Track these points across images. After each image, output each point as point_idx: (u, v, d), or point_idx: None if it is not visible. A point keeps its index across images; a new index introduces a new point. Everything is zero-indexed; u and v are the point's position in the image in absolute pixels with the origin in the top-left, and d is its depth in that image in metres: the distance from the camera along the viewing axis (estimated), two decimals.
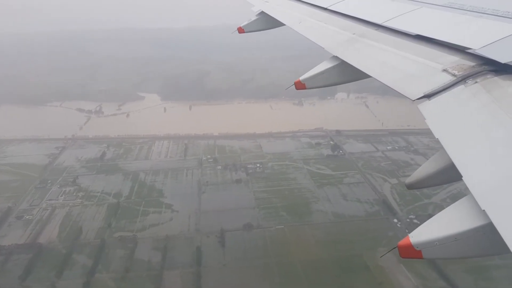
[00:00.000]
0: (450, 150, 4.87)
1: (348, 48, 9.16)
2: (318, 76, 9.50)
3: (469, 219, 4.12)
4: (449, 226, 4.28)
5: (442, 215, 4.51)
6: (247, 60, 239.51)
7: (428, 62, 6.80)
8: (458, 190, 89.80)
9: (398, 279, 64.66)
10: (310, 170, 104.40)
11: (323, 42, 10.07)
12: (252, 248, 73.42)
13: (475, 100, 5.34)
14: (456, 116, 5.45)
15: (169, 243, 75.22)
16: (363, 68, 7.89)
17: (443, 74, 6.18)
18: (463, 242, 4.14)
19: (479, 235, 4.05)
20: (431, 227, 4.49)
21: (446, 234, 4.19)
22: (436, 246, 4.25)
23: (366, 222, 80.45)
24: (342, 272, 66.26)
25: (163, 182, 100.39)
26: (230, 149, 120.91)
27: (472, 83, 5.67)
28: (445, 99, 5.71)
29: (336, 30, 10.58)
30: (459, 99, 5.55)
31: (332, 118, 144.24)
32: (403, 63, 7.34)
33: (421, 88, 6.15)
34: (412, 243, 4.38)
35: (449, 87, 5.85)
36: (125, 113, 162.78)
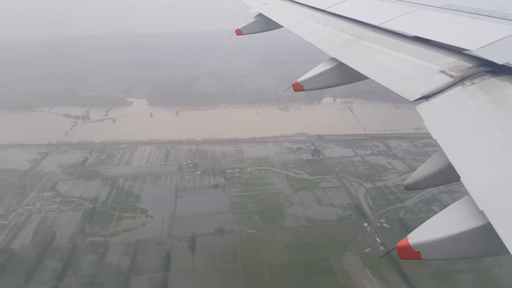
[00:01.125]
0: (448, 151, 4.92)
1: (345, 50, 9.30)
2: (316, 78, 9.50)
3: (467, 220, 4.14)
4: (447, 227, 4.29)
5: (441, 215, 4.54)
6: (237, 65, 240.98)
7: (425, 64, 6.87)
8: (431, 194, 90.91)
9: (361, 283, 65.30)
10: (288, 175, 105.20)
11: (321, 44, 10.20)
12: (222, 253, 74.07)
13: (472, 101, 5.37)
14: (454, 117, 5.50)
15: (139, 248, 75.87)
16: (360, 69, 7.98)
17: (440, 75, 6.24)
18: (462, 243, 4.14)
19: (477, 236, 4.07)
20: (430, 228, 4.49)
21: (445, 235, 4.19)
22: (435, 247, 4.25)
23: (337, 226, 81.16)
24: (307, 276, 66.84)
25: (141, 187, 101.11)
26: (212, 154, 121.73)
27: (469, 84, 5.71)
28: (442, 100, 5.76)
29: (333, 32, 10.74)
30: (457, 100, 5.60)
31: (316, 123, 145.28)
32: (400, 64, 7.43)
33: (418, 89, 6.18)
34: (410, 244, 4.34)
35: (447, 88, 5.90)
36: (112, 118, 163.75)
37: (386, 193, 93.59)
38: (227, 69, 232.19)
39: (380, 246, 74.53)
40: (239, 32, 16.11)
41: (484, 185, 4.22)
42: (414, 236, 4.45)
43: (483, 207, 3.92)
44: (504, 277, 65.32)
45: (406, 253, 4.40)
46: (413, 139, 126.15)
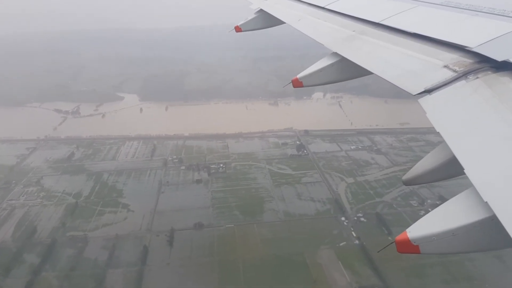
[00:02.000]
0: (451, 143, 4.90)
1: (348, 45, 9.23)
2: (316, 73, 9.33)
3: (467, 214, 4.16)
4: (446, 221, 4.30)
5: (440, 210, 4.54)
6: (231, 60, 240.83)
7: (428, 59, 6.89)
8: (411, 189, 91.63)
9: (333, 276, 66.19)
10: (271, 170, 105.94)
11: (323, 39, 10.08)
12: (199, 247, 74.95)
13: (476, 95, 5.39)
14: (457, 110, 5.49)
15: (118, 242, 76.78)
16: (363, 64, 7.95)
17: (444, 70, 6.27)
18: (461, 237, 4.15)
19: (477, 230, 4.07)
20: (429, 222, 4.50)
21: (444, 229, 4.20)
22: (434, 241, 4.25)
23: (315, 221, 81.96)
24: (280, 269, 67.73)
25: (125, 182, 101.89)
26: (198, 149, 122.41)
27: (473, 79, 5.72)
28: (446, 94, 5.77)
29: (335, 28, 10.68)
30: (460, 94, 5.60)
31: (304, 118, 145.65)
32: (403, 59, 7.46)
33: (421, 83, 6.21)
34: (409, 238, 4.34)
35: (450, 82, 5.92)
36: (101, 113, 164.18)
37: (366, 188, 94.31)
38: (220, 64, 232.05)
39: (355, 240, 75.35)
40: (238, 29, 16.04)
41: (489, 177, 4.21)
42: (413, 230, 4.41)
43: (488, 198, 3.90)
44: (475, 271, 66.27)
45: (405, 247, 4.39)
46: (398, 134, 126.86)
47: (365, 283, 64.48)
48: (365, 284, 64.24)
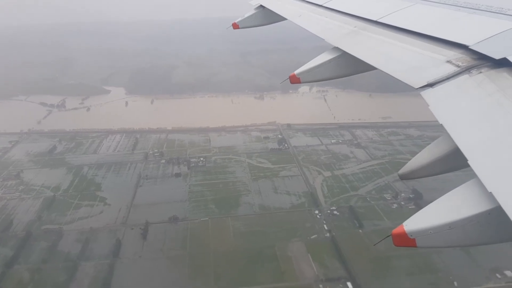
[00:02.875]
0: (454, 134, 4.91)
1: (350, 40, 9.20)
2: (315, 69, 9.15)
3: (464, 207, 4.18)
4: (443, 214, 4.30)
5: (437, 203, 4.53)
6: (220, 54, 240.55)
7: (431, 54, 6.92)
8: (386, 182, 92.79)
9: (301, 268, 67.09)
10: (251, 164, 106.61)
11: (324, 34, 9.99)
12: (172, 240, 75.67)
13: (480, 89, 5.41)
14: (460, 103, 5.51)
15: (92, 235, 77.36)
16: (365, 59, 7.94)
17: (447, 64, 6.31)
18: (458, 231, 4.14)
19: (473, 224, 4.07)
20: (426, 215, 4.47)
21: (440, 223, 4.19)
22: (430, 234, 4.24)
23: (289, 214, 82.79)
24: (250, 262, 68.61)
25: (104, 176, 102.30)
26: (180, 143, 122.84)
27: (476, 73, 5.76)
28: (449, 87, 5.81)
29: (336, 24, 10.62)
30: (464, 88, 5.64)
31: (288, 112, 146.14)
32: (406, 54, 7.51)
33: (424, 77, 6.22)
34: (406, 231, 4.33)
35: (453, 76, 5.97)
36: (86, 107, 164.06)
37: (342, 182, 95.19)
38: (209, 58, 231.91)
39: (326, 232, 76.26)
40: (236, 26, 15.67)
41: (494, 168, 4.20)
42: (410, 223, 4.41)
43: (492, 189, 3.90)
44: (440, 263, 67.25)
45: (401, 240, 4.39)
46: (379, 128, 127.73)
47: (332, 275, 65.38)
48: (332, 276, 65.12)
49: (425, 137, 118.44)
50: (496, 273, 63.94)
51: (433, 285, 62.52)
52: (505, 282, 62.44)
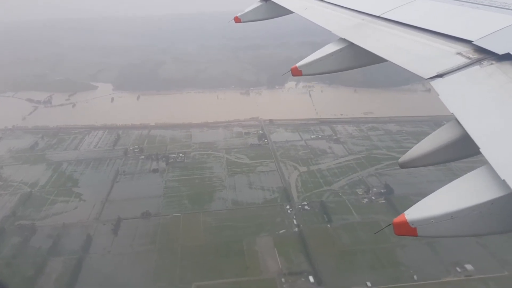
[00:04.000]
0: (465, 123, 4.92)
1: (357, 32, 9.14)
2: (318, 62, 9.07)
3: (466, 198, 4.16)
4: (445, 204, 4.27)
5: (440, 192, 4.49)
6: (210, 49, 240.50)
7: (441, 46, 6.90)
8: (359, 177, 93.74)
9: (266, 263, 68.04)
10: (229, 159, 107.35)
11: (331, 27, 9.95)
12: (142, 236, 76.60)
13: (491, 80, 5.42)
14: (471, 92, 5.51)
15: (64, 231, 78.27)
16: (374, 50, 7.92)
17: (457, 56, 6.31)
18: (460, 221, 4.13)
19: (475, 214, 4.06)
20: (428, 205, 4.44)
21: (442, 212, 4.17)
22: (432, 224, 4.22)
23: (260, 209, 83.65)
24: (217, 257, 69.56)
25: (82, 172, 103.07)
26: (161, 139, 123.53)
27: (487, 65, 5.77)
28: (459, 77, 5.82)
29: (343, 17, 10.54)
30: (474, 78, 5.65)
31: (272, 108, 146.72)
32: (415, 46, 7.48)
33: (434, 68, 6.25)
34: (407, 220, 4.31)
35: (464, 67, 5.98)
36: (72, 103, 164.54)
37: (317, 177, 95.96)
38: (199, 53, 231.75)
39: (295, 227, 77.14)
40: (238, 20, 15.11)
41: (507, 156, 4.21)
42: (412, 212, 4.40)
43: (505, 176, 3.91)
44: (403, 257, 68.26)
45: (402, 229, 4.38)
46: (360, 123, 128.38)
47: (296, 269, 66.36)
48: (295, 270, 66.11)
49: (404, 132, 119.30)
50: (456, 267, 64.83)
51: (393, 279, 63.37)
52: (464, 275, 63.37)
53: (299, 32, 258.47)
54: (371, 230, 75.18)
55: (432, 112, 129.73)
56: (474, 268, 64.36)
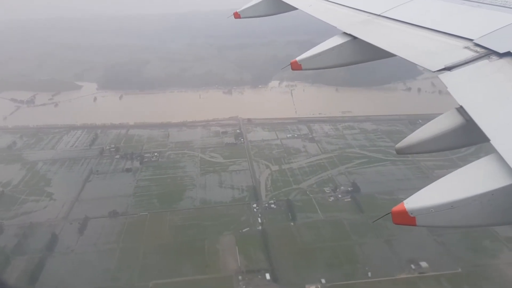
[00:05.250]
0: (475, 115, 4.90)
1: (363, 28, 9.10)
2: (319, 56, 8.99)
3: (466, 187, 4.15)
4: (446, 193, 4.24)
5: (441, 182, 4.45)
6: (197, 48, 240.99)
7: (449, 41, 6.89)
8: (329, 176, 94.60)
9: (226, 261, 68.86)
10: (203, 159, 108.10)
11: (336, 22, 9.93)
12: (107, 235, 77.32)
13: (500, 74, 5.42)
14: (481, 85, 5.49)
15: (31, 230, 78.92)
16: (381, 45, 7.89)
17: (465, 50, 6.32)
18: (460, 210, 4.09)
19: (475, 204, 4.03)
20: (428, 193, 4.40)
21: (443, 202, 4.13)
22: (431, 213, 4.17)
23: (227, 208, 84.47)
24: (178, 256, 70.28)
25: (56, 171, 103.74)
26: (138, 138, 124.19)
27: (496, 59, 5.75)
28: (468, 71, 5.83)
29: (348, 13, 10.49)
30: (483, 72, 5.65)
31: (252, 107, 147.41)
32: (422, 41, 7.45)
33: (441, 61, 6.25)
34: (406, 209, 4.27)
35: (472, 61, 5.98)
36: (55, 103, 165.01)
37: (287, 175, 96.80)
38: (185, 52, 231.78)
39: (259, 226, 77.96)
40: (237, 16, 14.66)
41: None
42: (411, 201, 4.35)
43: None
44: (361, 255, 69.17)
45: (400, 218, 4.34)
46: (337, 122, 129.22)
47: (254, 267, 67.18)
48: (253, 268, 66.94)
49: (379, 131, 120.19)
50: (411, 264, 65.72)
51: (348, 276, 64.25)
52: (418, 272, 64.26)
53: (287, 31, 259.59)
54: (333, 228, 76.44)
55: (408, 110, 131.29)
56: (429, 265, 65.21)
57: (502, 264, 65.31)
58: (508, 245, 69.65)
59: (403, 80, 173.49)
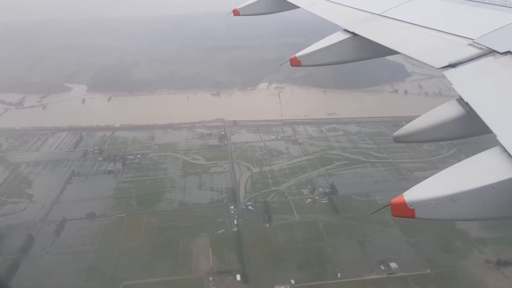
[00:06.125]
0: (481, 112, 4.87)
1: (366, 26, 9.08)
2: (319, 52, 8.95)
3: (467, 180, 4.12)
4: (446, 185, 4.21)
5: (442, 174, 4.42)
6: (188, 50, 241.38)
7: (453, 38, 6.87)
8: (308, 178, 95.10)
9: (199, 262, 69.37)
10: (185, 160, 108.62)
11: (338, 20, 9.93)
12: (83, 236, 77.76)
13: (506, 71, 5.40)
14: (486, 82, 5.48)
15: (8, 232, 79.38)
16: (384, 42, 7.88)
17: (469, 47, 6.29)
18: (460, 203, 4.06)
19: (476, 197, 4.00)
20: (429, 186, 4.38)
21: (443, 194, 4.10)
22: (431, 205, 4.14)
23: (205, 210, 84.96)
24: (152, 257, 70.71)
25: (39, 173, 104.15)
26: (123, 140, 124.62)
27: (501, 56, 5.72)
28: (473, 67, 5.80)
29: (349, 12, 10.49)
30: (489, 68, 5.63)
31: (239, 109, 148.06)
32: (426, 38, 7.43)
33: (446, 58, 6.23)
34: (405, 201, 4.25)
35: (477, 58, 5.94)
36: (43, 105, 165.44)
37: (267, 177, 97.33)
38: (177, 54, 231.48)
39: (234, 227, 78.45)
40: (236, 13, 14.53)
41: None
42: (411, 193, 4.33)
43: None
44: (333, 256, 69.72)
45: (399, 211, 4.32)
46: (321, 124, 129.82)
47: (226, 268, 67.70)
48: (225, 269, 67.44)
49: (362, 133, 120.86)
50: (381, 265, 66.27)
51: (318, 276, 64.79)
52: (387, 273, 64.83)
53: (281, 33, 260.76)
54: (307, 229, 77.01)
55: (393, 113, 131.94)
56: (399, 266, 65.81)
57: (471, 265, 65.87)
58: (479, 246, 70.25)
59: (391, 82, 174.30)
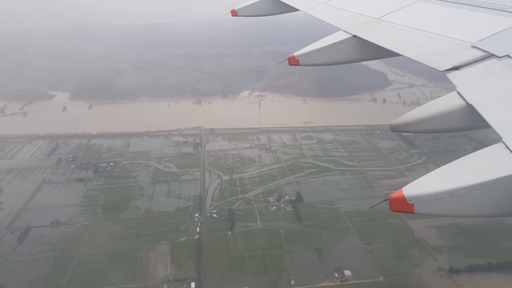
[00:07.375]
0: (486, 114, 4.81)
1: (368, 29, 9.06)
2: (317, 52, 8.88)
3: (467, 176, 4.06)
4: (446, 181, 4.15)
5: (442, 169, 4.37)
6: (174, 58, 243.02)
7: (456, 40, 6.84)
8: (276, 186, 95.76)
9: (156, 270, 69.64)
10: (157, 168, 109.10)
11: (341, 24, 9.89)
12: (45, 243, 77.92)
13: (510, 72, 5.36)
14: (491, 84, 5.43)
15: None
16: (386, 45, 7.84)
17: (473, 49, 6.24)
18: (460, 199, 4.00)
19: (476, 193, 3.94)
20: (428, 181, 4.32)
21: (443, 189, 4.05)
22: (430, 201, 4.08)
23: (169, 217, 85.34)
24: (109, 265, 70.97)
25: (10, 180, 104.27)
26: (98, 148, 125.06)
27: (505, 58, 5.69)
28: (476, 70, 5.75)
29: (350, 16, 10.52)
30: (492, 70, 5.59)
31: (218, 117, 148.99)
32: (429, 41, 7.40)
33: (449, 60, 6.19)
34: (405, 195, 4.19)
35: (480, 60, 5.90)
36: (24, 112, 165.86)
37: (236, 185, 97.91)
38: (162, 62, 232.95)
39: (196, 235, 78.80)
40: (234, 13, 14.44)
41: None
42: (410, 188, 4.28)
43: None
44: (289, 263, 70.09)
45: (398, 205, 4.25)
46: (297, 132, 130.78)
47: (182, 276, 67.97)
48: (181, 277, 67.71)
49: (335, 142, 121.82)
50: (335, 272, 66.79)
51: (271, 284, 65.20)
52: (340, 281, 65.35)
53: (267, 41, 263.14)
54: (268, 237, 77.53)
55: (367, 121, 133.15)
56: (352, 273, 66.35)
57: (424, 273, 66.55)
58: (435, 254, 70.99)
59: (372, 90, 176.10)
